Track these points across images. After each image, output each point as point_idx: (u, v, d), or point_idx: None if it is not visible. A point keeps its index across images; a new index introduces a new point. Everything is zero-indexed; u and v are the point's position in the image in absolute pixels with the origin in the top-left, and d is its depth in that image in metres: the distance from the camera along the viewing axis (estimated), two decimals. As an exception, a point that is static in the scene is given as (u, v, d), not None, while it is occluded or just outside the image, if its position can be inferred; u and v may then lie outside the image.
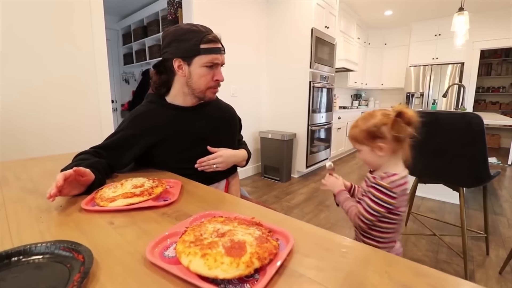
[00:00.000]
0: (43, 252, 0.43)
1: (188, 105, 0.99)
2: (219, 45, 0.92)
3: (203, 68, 0.91)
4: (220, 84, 0.98)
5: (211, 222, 0.49)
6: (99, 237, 0.50)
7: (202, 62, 0.90)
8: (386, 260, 0.43)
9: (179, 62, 0.91)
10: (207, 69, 0.91)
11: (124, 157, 0.91)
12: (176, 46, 0.90)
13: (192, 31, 0.89)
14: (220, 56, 0.93)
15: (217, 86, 0.97)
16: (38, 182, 0.83)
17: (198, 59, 0.89)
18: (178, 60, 0.90)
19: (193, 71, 0.91)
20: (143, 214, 0.60)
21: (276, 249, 0.42)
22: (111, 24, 4.12)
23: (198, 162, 0.94)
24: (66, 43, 1.72)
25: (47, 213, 0.60)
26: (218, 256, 0.38)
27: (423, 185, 2.57)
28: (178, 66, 0.91)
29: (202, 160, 0.95)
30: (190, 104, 0.99)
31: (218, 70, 0.94)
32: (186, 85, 0.94)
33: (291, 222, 0.57)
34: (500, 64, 5.57)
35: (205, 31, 0.90)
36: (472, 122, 1.33)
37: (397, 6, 4.49)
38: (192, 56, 0.89)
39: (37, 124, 1.65)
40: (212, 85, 0.95)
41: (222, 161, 0.97)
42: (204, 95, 0.96)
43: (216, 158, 0.96)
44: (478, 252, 1.75)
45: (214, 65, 0.92)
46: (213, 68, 0.92)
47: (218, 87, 0.98)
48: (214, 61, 0.91)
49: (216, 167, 0.97)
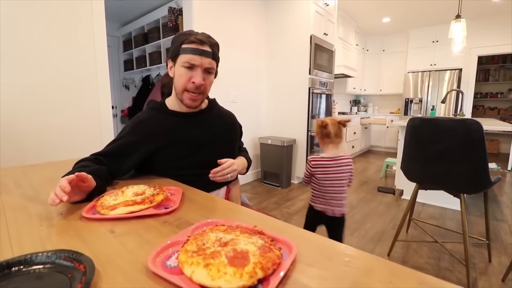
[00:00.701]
0: (44, 262, 0.42)
1: (184, 110, 0.99)
2: (202, 47, 0.90)
3: (182, 68, 0.91)
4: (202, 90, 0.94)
5: (213, 231, 0.49)
6: (100, 246, 0.50)
7: (181, 62, 0.91)
8: (390, 269, 0.43)
9: (170, 62, 0.95)
10: (185, 69, 0.91)
11: (125, 163, 0.91)
12: (169, 48, 0.95)
13: (183, 34, 0.92)
14: (199, 57, 0.90)
15: (195, 91, 0.93)
16: (39, 189, 0.83)
17: (179, 59, 0.92)
18: (169, 60, 0.95)
19: (176, 71, 0.94)
20: (144, 223, 0.60)
21: (279, 258, 0.42)
22: (112, 31, 4.15)
23: (212, 172, 0.91)
24: (67, 48, 1.74)
25: (48, 221, 0.60)
26: (221, 266, 0.38)
27: (424, 191, 2.56)
28: (170, 67, 0.96)
29: (217, 170, 0.91)
30: (186, 110, 0.99)
31: (197, 72, 0.91)
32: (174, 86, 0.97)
33: (293, 230, 0.57)
34: (498, 70, 5.61)
35: (194, 34, 0.91)
36: (471, 128, 1.34)
37: (395, 13, 4.55)
38: (176, 56, 0.92)
39: (38, 128, 1.65)
40: (189, 88, 0.92)
41: (235, 169, 0.95)
42: (182, 98, 0.95)
43: (230, 167, 0.93)
44: (480, 259, 1.74)
45: (192, 66, 0.90)
46: (192, 69, 0.91)
47: (198, 94, 0.94)
48: (191, 61, 0.89)
49: (230, 177, 0.95)
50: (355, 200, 2.82)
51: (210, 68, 0.93)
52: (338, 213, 1.42)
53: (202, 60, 0.90)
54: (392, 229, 2.13)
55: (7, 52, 1.51)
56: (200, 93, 0.95)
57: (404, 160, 1.71)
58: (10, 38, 1.51)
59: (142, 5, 3.50)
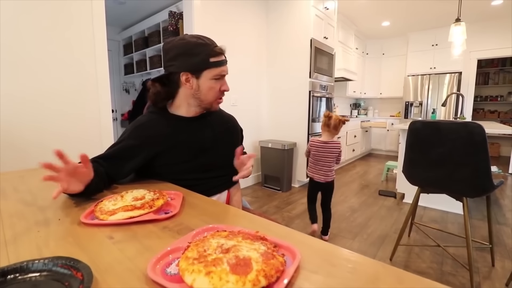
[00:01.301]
0: (41, 270, 0.41)
1: (191, 115, 0.98)
2: (224, 57, 0.93)
3: (212, 81, 0.92)
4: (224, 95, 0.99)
5: (215, 237, 0.48)
6: (99, 252, 0.49)
7: (211, 75, 0.91)
8: (397, 276, 0.42)
9: (187, 75, 0.90)
10: (215, 81, 0.92)
11: (125, 167, 0.90)
12: (184, 59, 0.89)
13: (200, 45, 0.89)
14: (226, 67, 0.95)
15: (222, 97, 0.98)
16: (37, 194, 0.82)
17: (207, 72, 0.90)
18: (186, 74, 0.90)
19: (202, 84, 0.91)
20: (144, 228, 0.59)
21: (283, 265, 0.41)
22: (112, 35, 4.17)
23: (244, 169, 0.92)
24: (67, 52, 1.74)
25: (45, 227, 0.59)
26: (223, 274, 0.37)
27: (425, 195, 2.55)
28: (185, 79, 0.91)
29: (247, 167, 0.92)
30: (193, 114, 0.98)
31: (224, 80, 0.96)
32: (193, 97, 0.94)
33: (296, 235, 0.55)
34: (497, 73, 5.63)
35: (211, 43, 0.91)
36: (474, 131, 1.33)
37: (395, 17, 4.57)
38: (201, 70, 0.90)
39: (37, 132, 1.64)
40: (218, 96, 0.96)
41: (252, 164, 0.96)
42: (211, 106, 0.98)
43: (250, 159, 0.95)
44: (483, 264, 1.72)
45: (221, 77, 0.94)
46: (220, 79, 0.94)
47: (222, 98, 0.99)
48: (222, 73, 0.93)
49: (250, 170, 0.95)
50: (356, 204, 2.81)
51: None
52: (324, 180, 2.00)
53: (227, 68, 0.95)
54: (394, 233, 2.11)
55: (6, 57, 1.51)
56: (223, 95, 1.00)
57: (405, 164, 1.70)
58: (9, 43, 1.51)
59: (142, 9, 3.52)
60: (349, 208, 2.69)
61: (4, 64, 1.50)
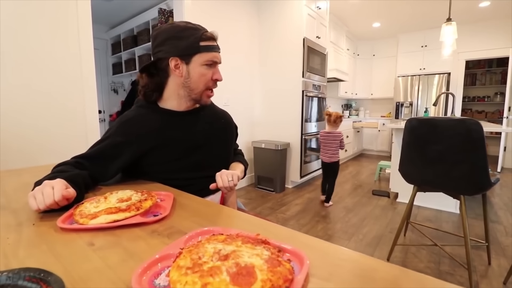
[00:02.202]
0: (3, 285, 0.35)
1: (182, 109, 0.92)
2: (216, 43, 0.88)
3: (203, 67, 0.85)
4: (217, 86, 0.92)
5: (211, 242, 0.42)
6: (76, 261, 0.42)
7: (202, 60, 0.84)
8: (420, 282, 0.37)
9: (176, 61, 0.84)
10: (207, 67, 0.86)
11: (110, 167, 0.82)
12: (173, 44, 0.83)
13: (190, 28, 0.84)
14: (219, 54, 0.89)
15: (215, 86, 0.92)
16: (11, 196, 0.74)
17: (197, 57, 0.84)
18: (175, 59, 0.84)
19: (192, 70, 0.85)
20: (130, 233, 0.52)
21: (291, 273, 0.35)
22: (100, 33, 4.05)
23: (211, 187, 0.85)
24: (51, 51, 1.64)
25: (17, 233, 0.51)
26: (222, 285, 0.31)
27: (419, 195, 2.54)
28: (175, 65, 0.84)
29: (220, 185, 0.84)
30: (184, 109, 0.92)
31: (217, 69, 0.90)
32: (183, 86, 0.87)
33: (300, 237, 0.50)
34: (484, 74, 5.74)
35: (203, 28, 0.86)
36: (472, 128, 1.31)
37: (385, 18, 4.61)
38: (192, 54, 0.83)
39: (18, 133, 1.54)
40: (210, 85, 0.90)
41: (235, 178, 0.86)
42: (200, 98, 0.90)
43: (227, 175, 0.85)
44: (480, 262, 1.71)
45: (213, 63, 0.87)
46: (212, 67, 0.88)
47: (212, 91, 0.93)
48: (214, 59, 0.87)
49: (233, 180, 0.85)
50: (350, 204, 2.78)
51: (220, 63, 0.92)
52: (329, 160, 2.68)
53: (220, 56, 0.90)
54: (389, 233, 2.09)
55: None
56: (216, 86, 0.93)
57: (402, 162, 1.67)
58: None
59: (131, 6, 3.43)
60: (343, 208, 2.66)
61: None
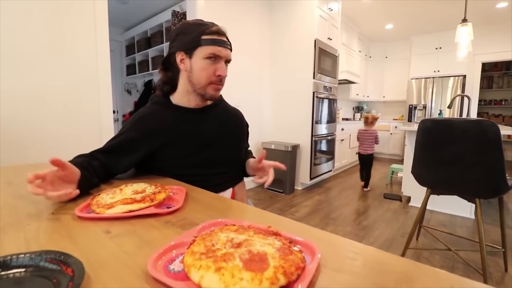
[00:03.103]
0: (26, 265, 0.36)
1: (193, 106, 0.93)
2: (223, 38, 0.86)
3: (205, 61, 0.84)
4: (224, 82, 0.91)
5: (223, 231, 0.43)
6: (93, 247, 0.44)
7: (203, 54, 0.84)
8: (433, 275, 0.36)
9: (182, 55, 0.87)
10: (208, 61, 0.85)
11: (124, 161, 0.85)
12: (181, 39, 0.86)
13: (196, 24, 0.86)
14: (223, 49, 0.86)
15: (219, 82, 0.89)
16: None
17: (199, 51, 0.84)
18: (180, 53, 0.86)
19: (194, 64, 0.86)
20: (144, 223, 0.54)
21: (303, 262, 0.36)
22: (115, 35, 4.16)
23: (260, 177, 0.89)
24: (68, 52, 1.71)
25: (37, 221, 0.54)
26: (235, 270, 0.31)
27: (433, 199, 2.48)
28: (180, 60, 0.87)
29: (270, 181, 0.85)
30: (195, 105, 0.93)
31: (221, 64, 0.87)
32: (188, 81, 0.89)
33: (313, 231, 0.50)
34: (501, 77, 5.58)
35: (212, 24, 0.86)
36: (488, 129, 1.28)
37: (398, 20, 4.55)
38: (193, 48, 0.84)
39: (36, 132, 1.60)
40: (213, 80, 0.87)
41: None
42: (205, 92, 0.89)
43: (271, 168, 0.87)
44: (496, 268, 1.65)
45: (216, 58, 0.85)
46: (216, 61, 0.85)
47: (221, 84, 0.90)
48: (216, 53, 0.84)
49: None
50: (361, 207, 2.74)
51: (228, 60, 0.90)
52: (365, 153, 3.35)
53: (226, 52, 0.87)
54: (401, 237, 2.05)
55: (7, 56, 1.47)
56: (222, 84, 0.91)
57: (415, 164, 1.64)
58: (10, 41, 1.48)
59: (145, 9, 3.51)
60: (354, 211, 2.63)
61: (4, 62, 1.46)
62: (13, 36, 1.48)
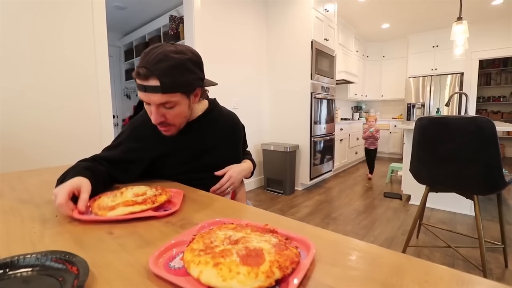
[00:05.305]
0: (33, 265, 0.38)
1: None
2: (146, 83, 0.71)
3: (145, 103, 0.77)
4: (170, 124, 0.80)
5: (222, 229, 0.44)
6: (97, 247, 0.45)
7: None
8: (423, 268, 0.38)
9: None
10: (146, 105, 0.77)
11: (132, 170, 0.86)
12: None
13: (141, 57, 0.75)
14: (144, 94, 0.72)
15: (161, 126, 0.80)
16: (34, 192, 0.78)
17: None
18: None
19: None
20: (145, 223, 0.55)
21: (297, 257, 0.37)
22: (113, 41, 4.19)
23: (211, 190, 0.88)
24: (68, 57, 1.73)
25: (41, 224, 0.55)
26: (233, 265, 0.33)
27: (432, 196, 2.50)
28: None
29: (215, 188, 0.89)
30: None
31: (154, 109, 0.74)
32: None
33: (309, 229, 0.52)
34: (499, 73, 5.60)
35: (141, 63, 0.72)
36: (483, 126, 1.29)
37: (394, 19, 4.57)
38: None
39: (37, 136, 1.62)
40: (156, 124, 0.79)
41: (233, 182, 0.92)
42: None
43: (228, 180, 0.90)
44: (496, 265, 1.66)
45: (146, 102, 0.76)
46: (151, 105, 0.75)
47: (165, 126, 0.81)
48: (142, 97, 0.75)
49: (231, 190, 0.92)
50: (361, 206, 2.75)
51: (165, 103, 0.73)
52: (370, 147, 3.92)
53: (150, 98, 0.72)
54: (401, 235, 2.06)
55: (7, 58, 1.49)
56: (168, 125, 0.81)
57: (413, 162, 1.66)
58: (9, 44, 1.50)
59: (143, 14, 3.54)
60: (354, 210, 2.64)
61: (3, 69, 1.48)
62: (11, 43, 1.50)
